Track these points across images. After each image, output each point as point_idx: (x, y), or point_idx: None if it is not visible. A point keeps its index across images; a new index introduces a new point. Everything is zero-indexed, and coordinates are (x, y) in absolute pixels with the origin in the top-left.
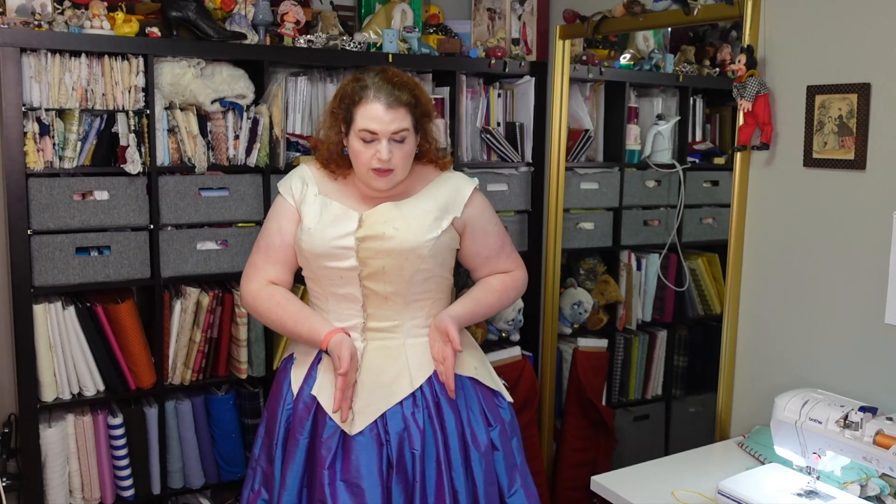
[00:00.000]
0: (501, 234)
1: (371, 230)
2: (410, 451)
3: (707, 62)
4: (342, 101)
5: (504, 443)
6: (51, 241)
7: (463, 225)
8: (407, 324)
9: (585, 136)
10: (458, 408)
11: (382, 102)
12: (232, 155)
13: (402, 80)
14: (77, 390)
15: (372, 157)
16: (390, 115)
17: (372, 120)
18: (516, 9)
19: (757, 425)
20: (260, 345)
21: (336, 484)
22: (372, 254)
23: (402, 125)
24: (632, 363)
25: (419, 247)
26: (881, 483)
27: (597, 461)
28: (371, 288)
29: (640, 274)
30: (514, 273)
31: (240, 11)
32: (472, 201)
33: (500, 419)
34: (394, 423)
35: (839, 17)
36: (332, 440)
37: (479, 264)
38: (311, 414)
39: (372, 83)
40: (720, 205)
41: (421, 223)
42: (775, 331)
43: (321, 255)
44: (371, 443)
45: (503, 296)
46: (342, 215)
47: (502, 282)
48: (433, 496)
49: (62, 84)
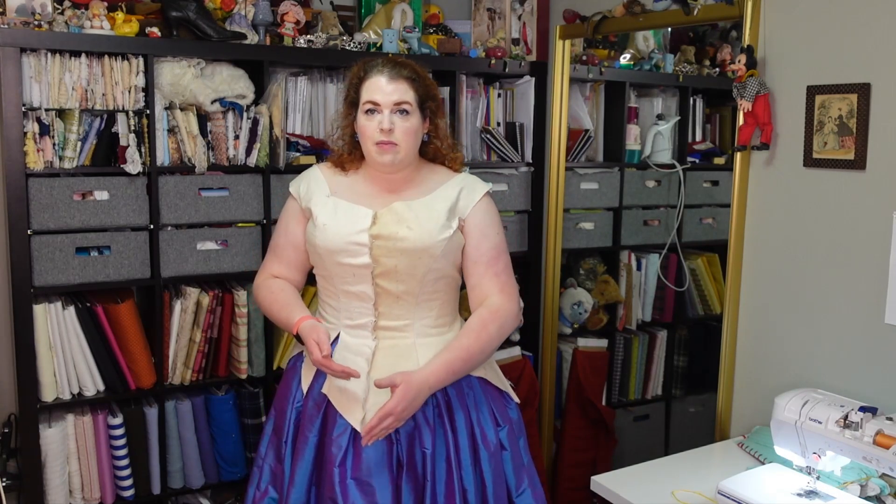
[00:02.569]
0: (498, 247)
1: (385, 229)
2: (421, 449)
3: (707, 62)
4: (350, 84)
5: (512, 442)
6: (51, 241)
7: (467, 225)
8: (417, 323)
9: (585, 136)
10: (467, 407)
11: (385, 75)
12: (232, 155)
13: (405, 61)
14: (77, 390)
15: (375, 128)
16: (392, 86)
17: (375, 91)
18: (516, 9)
19: (757, 425)
20: (260, 345)
21: (347, 482)
22: (385, 252)
23: (404, 97)
24: (632, 363)
25: (432, 247)
26: (881, 483)
27: (597, 461)
28: (383, 286)
29: (640, 274)
30: (492, 300)
31: (240, 11)
32: (481, 203)
33: (508, 419)
34: (405, 422)
35: (839, 17)
36: (342, 438)
37: (468, 267)
38: (321, 412)
39: (377, 62)
40: (720, 205)
41: (434, 224)
42: (775, 331)
43: (335, 250)
44: (381, 441)
45: (481, 334)
46: (356, 213)
47: (479, 318)
48: (443, 495)
49: (62, 84)
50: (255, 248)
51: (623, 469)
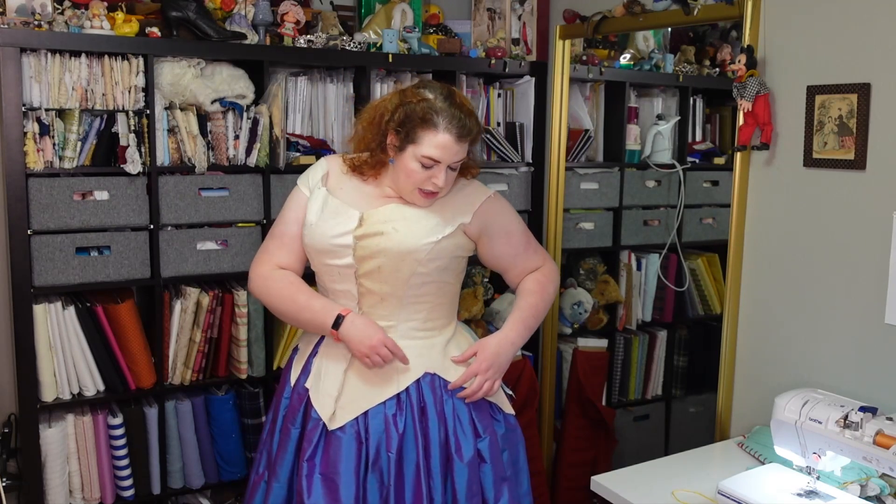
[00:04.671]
0: (525, 232)
1: (370, 228)
2: (387, 452)
3: (707, 62)
4: (407, 118)
5: (494, 455)
6: (51, 241)
7: (478, 231)
8: (402, 325)
9: (585, 136)
10: (444, 415)
11: (454, 134)
12: (232, 155)
13: (467, 107)
14: (77, 390)
15: (426, 180)
16: (457, 147)
17: (439, 148)
18: (516, 9)
19: (757, 425)
20: (260, 345)
21: (314, 476)
22: (368, 253)
23: (462, 156)
24: (632, 363)
25: (416, 250)
26: (881, 483)
27: (597, 461)
28: (367, 286)
29: (640, 274)
30: (543, 268)
31: (240, 11)
32: (487, 207)
33: (491, 430)
34: (375, 423)
35: (839, 17)
36: (314, 433)
37: (509, 264)
38: (302, 404)
39: (442, 108)
40: (720, 205)
41: (421, 226)
42: (775, 331)
43: (320, 251)
44: (351, 440)
45: (543, 293)
46: (343, 213)
47: (536, 281)
48: (410, 501)
49: (62, 84)
50: (255, 248)
51: (623, 469)
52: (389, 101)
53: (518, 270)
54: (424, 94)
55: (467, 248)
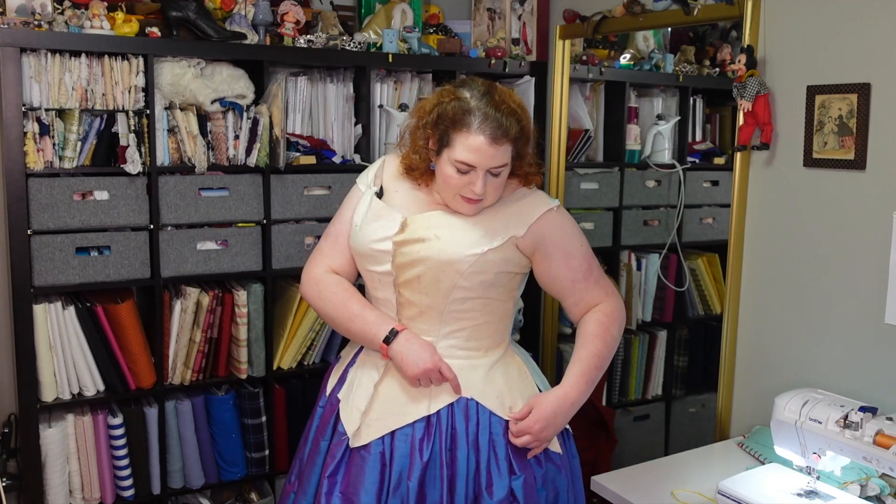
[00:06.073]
0: (588, 257)
1: (411, 234)
2: (407, 481)
3: (707, 62)
4: (440, 119)
5: (528, 495)
6: (51, 241)
7: (533, 247)
8: (441, 342)
9: (585, 136)
10: (478, 445)
11: (487, 135)
12: (232, 155)
13: (509, 105)
14: (77, 390)
15: (464, 186)
16: (493, 150)
17: (472, 152)
18: (516, 9)
19: (757, 425)
20: (260, 345)
21: (333, 494)
22: (408, 260)
23: (504, 160)
24: (632, 363)
25: (458, 260)
26: (881, 483)
27: (597, 461)
28: (406, 297)
29: (640, 274)
30: (606, 306)
31: (240, 11)
32: (545, 221)
33: (528, 469)
34: (400, 446)
35: (839, 17)
36: (338, 448)
37: (565, 289)
38: (333, 415)
39: (477, 107)
40: (720, 205)
41: (466, 235)
42: (775, 331)
43: (361, 255)
44: (375, 461)
45: (607, 336)
46: (386, 216)
47: (598, 323)
48: None
49: (62, 84)
50: (255, 248)
51: (623, 469)
52: (429, 100)
53: (576, 299)
54: (460, 92)
55: (520, 265)
